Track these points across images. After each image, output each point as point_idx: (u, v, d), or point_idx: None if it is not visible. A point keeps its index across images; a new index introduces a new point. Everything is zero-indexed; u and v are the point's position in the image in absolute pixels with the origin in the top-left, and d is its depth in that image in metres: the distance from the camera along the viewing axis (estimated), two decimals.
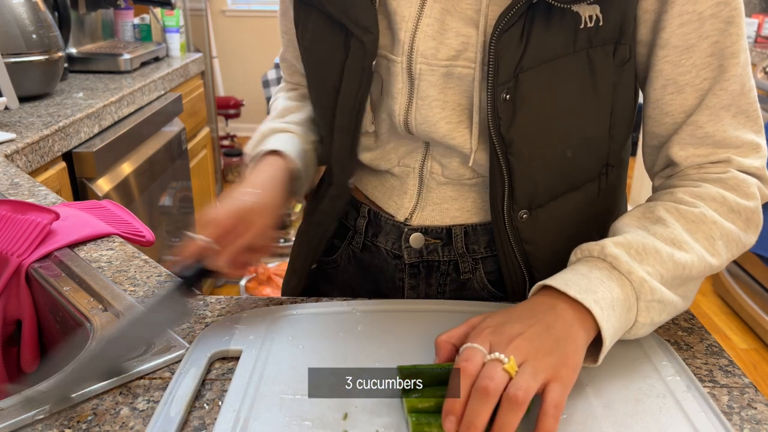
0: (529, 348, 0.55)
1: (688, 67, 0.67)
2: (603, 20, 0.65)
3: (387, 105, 0.75)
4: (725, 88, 0.67)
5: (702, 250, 0.65)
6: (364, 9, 0.70)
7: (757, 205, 0.68)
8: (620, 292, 0.60)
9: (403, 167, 0.80)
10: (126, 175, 1.73)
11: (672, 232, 0.64)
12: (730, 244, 0.67)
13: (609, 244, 0.63)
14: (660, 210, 0.67)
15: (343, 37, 0.73)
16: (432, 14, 0.69)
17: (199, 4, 3.72)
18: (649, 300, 0.61)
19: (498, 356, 0.54)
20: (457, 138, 0.72)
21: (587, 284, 0.60)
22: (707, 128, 0.69)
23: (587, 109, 0.69)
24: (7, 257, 0.84)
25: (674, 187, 0.71)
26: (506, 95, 0.66)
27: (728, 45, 0.66)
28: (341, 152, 0.79)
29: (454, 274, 0.82)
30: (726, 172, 0.68)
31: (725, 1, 0.64)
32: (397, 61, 0.72)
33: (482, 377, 0.53)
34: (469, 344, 0.56)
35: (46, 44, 1.66)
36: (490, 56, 0.65)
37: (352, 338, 0.68)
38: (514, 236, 0.74)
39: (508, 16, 0.63)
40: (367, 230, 0.85)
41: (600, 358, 0.60)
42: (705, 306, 2.83)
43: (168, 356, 0.65)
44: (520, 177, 0.70)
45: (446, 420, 0.53)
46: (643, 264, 0.61)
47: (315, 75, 0.80)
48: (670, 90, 0.69)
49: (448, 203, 0.79)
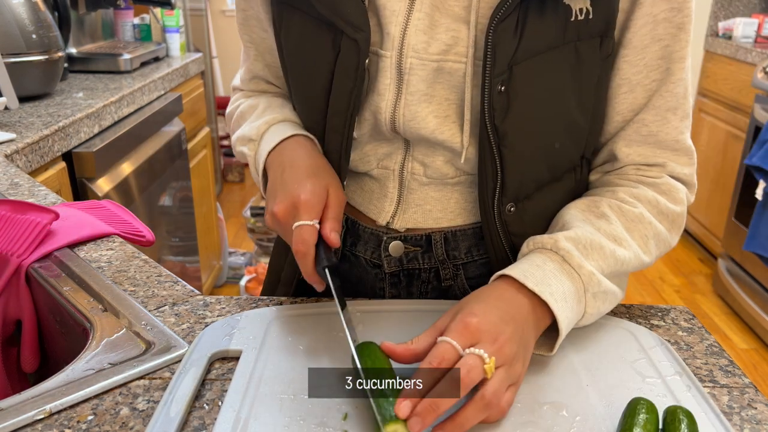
0: (509, 354, 0.57)
1: (641, 67, 0.71)
2: (592, 13, 0.66)
3: (372, 103, 0.73)
4: (671, 90, 0.71)
5: (638, 248, 0.70)
6: (354, 7, 0.69)
7: (683, 210, 0.74)
8: (571, 284, 0.64)
9: (383, 169, 0.79)
10: (126, 175, 1.73)
11: (614, 229, 0.69)
12: (659, 243, 0.73)
13: (561, 238, 0.66)
14: (604, 206, 0.71)
15: (331, 37, 0.71)
16: (423, 8, 0.69)
17: (199, 4, 3.72)
18: (596, 291, 0.66)
19: (481, 353, 0.55)
20: (446, 133, 0.72)
21: (542, 276, 0.63)
22: (652, 127, 0.73)
23: (574, 101, 0.70)
24: (7, 257, 0.84)
25: (614, 185, 0.75)
26: (501, 87, 0.66)
27: (677, 49, 0.69)
28: (334, 155, 0.76)
29: (435, 281, 0.82)
30: (660, 177, 0.74)
31: (678, 8, 0.67)
32: (386, 56, 0.71)
33: (462, 367, 0.54)
34: (446, 339, 0.56)
35: (46, 44, 1.66)
36: (487, 48, 0.65)
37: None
38: (503, 230, 0.74)
39: (504, 7, 0.63)
40: (345, 240, 0.84)
41: (555, 348, 0.64)
42: (705, 306, 2.83)
43: (168, 356, 0.65)
44: (511, 170, 0.71)
45: (401, 404, 0.52)
46: (589, 259, 0.66)
47: (302, 78, 0.77)
48: (624, 89, 0.72)
49: (430, 204, 0.78)
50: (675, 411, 0.54)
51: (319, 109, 0.75)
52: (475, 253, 0.80)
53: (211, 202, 2.68)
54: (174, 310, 0.74)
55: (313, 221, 0.67)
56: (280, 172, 0.72)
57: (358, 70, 0.70)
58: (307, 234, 0.66)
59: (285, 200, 0.68)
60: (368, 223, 0.82)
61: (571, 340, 0.69)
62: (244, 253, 3.02)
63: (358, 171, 0.80)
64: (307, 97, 0.77)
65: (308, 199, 0.67)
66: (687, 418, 0.53)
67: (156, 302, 0.75)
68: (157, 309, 0.74)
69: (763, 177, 2.39)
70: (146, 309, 0.73)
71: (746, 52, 2.82)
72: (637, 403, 0.55)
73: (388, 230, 0.81)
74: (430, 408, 0.52)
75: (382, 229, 0.81)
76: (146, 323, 0.70)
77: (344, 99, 0.72)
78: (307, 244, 0.66)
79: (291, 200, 0.68)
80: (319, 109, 0.75)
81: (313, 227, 0.67)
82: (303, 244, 0.66)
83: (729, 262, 2.80)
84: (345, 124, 0.74)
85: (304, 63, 0.76)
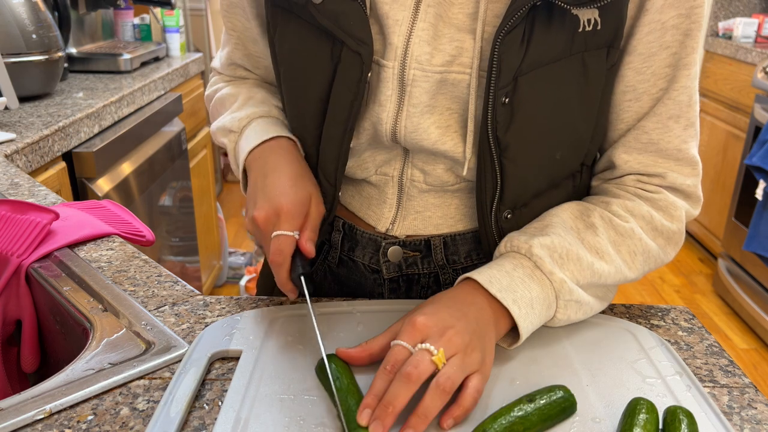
0: (460, 343, 0.58)
1: (648, 75, 0.69)
2: (601, 24, 0.65)
3: (372, 113, 0.71)
4: (673, 97, 0.69)
5: (621, 262, 0.70)
6: (357, 19, 0.66)
7: (679, 227, 0.73)
8: (540, 291, 0.65)
9: (381, 176, 0.77)
10: (126, 175, 1.73)
11: (599, 241, 0.69)
12: (648, 259, 0.72)
13: (536, 245, 0.66)
14: (595, 216, 0.71)
15: (329, 47, 0.69)
16: (427, 19, 0.67)
17: (199, 4, 3.72)
18: (567, 299, 0.66)
19: (428, 347, 0.57)
20: (448, 143, 0.71)
21: (509, 282, 0.64)
22: (652, 135, 0.71)
23: (578, 112, 0.69)
24: (7, 257, 0.84)
25: (611, 195, 0.74)
26: (505, 99, 0.65)
27: (683, 56, 0.68)
28: (330, 164, 0.74)
29: (434, 286, 0.82)
30: (659, 193, 0.73)
31: (686, 14, 0.66)
32: (388, 67, 0.69)
33: (408, 363, 0.56)
34: (397, 341, 0.58)
35: (46, 44, 1.66)
36: (493, 59, 0.64)
37: (352, 338, 0.68)
38: (499, 236, 0.73)
39: (513, 18, 0.62)
40: (343, 244, 0.83)
41: (514, 347, 0.66)
42: (705, 306, 2.83)
43: (168, 356, 0.65)
44: (511, 180, 0.70)
45: (362, 413, 0.54)
46: (563, 268, 0.66)
47: (296, 85, 0.75)
48: (629, 96, 0.71)
49: (430, 211, 0.78)
50: (675, 411, 0.54)
51: (313, 117, 0.73)
52: (474, 257, 0.80)
53: (211, 202, 2.68)
54: (174, 310, 0.74)
55: (293, 232, 0.67)
56: (263, 176, 0.71)
57: (360, 83, 0.68)
58: (285, 244, 0.67)
59: (266, 207, 0.68)
60: (366, 228, 0.81)
61: (571, 340, 0.69)
62: (244, 253, 3.02)
63: (356, 177, 0.79)
64: (301, 104, 0.75)
65: (290, 209, 0.68)
66: (687, 418, 0.53)
67: (156, 302, 0.75)
68: (157, 309, 0.74)
69: (763, 177, 2.39)
70: (146, 309, 0.73)
71: (746, 52, 2.82)
72: (637, 403, 0.55)
73: (387, 235, 0.80)
74: (386, 410, 0.54)
75: (380, 234, 0.80)
76: (146, 323, 0.70)
77: (344, 110, 0.70)
78: (284, 255, 0.66)
79: (273, 208, 0.68)
80: (313, 117, 0.73)
81: (292, 238, 0.67)
82: (280, 254, 0.66)
83: (729, 262, 2.80)
84: (343, 134, 0.71)
85: (299, 70, 0.73)
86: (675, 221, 0.72)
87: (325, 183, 0.75)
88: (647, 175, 0.73)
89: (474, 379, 0.58)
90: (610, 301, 0.74)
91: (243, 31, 0.83)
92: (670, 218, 0.72)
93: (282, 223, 0.67)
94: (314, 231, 0.70)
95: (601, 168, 0.77)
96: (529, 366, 0.65)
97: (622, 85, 0.70)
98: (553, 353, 0.67)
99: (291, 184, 0.70)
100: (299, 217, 0.68)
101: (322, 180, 0.75)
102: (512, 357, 0.66)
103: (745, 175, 2.69)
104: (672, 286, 2.99)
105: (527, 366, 0.65)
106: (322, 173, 0.75)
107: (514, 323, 0.64)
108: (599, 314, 0.74)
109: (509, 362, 0.65)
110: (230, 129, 0.79)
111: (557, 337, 0.69)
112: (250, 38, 0.83)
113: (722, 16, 3.38)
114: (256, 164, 0.73)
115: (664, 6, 0.65)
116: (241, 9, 0.80)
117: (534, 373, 0.64)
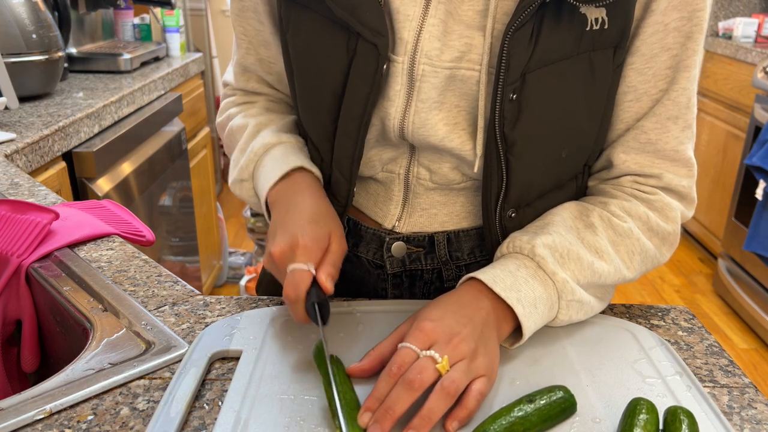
0: (466, 350, 0.59)
1: (649, 76, 0.70)
2: (608, 24, 0.65)
3: (381, 108, 0.72)
4: (672, 98, 0.70)
5: (620, 262, 0.70)
6: (373, 10, 0.67)
7: (674, 228, 0.74)
8: (543, 291, 0.65)
9: (387, 173, 0.78)
10: (126, 175, 1.73)
11: (598, 241, 0.69)
12: (645, 260, 0.73)
13: (539, 244, 0.67)
14: (594, 216, 0.71)
15: (345, 39, 0.69)
16: (437, 15, 0.68)
17: (199, 4, 3.72)
18: (569, 299, 0.67)
19: (432, 354, 0.57)
20: (455, 140, 0.71)
21: (513, 282, 0.64)
22: (651, 135, 0.72)
23: (584, 112, 0.70)
24: (7, 257, 0.84)
25: (608, 195, 0.75)
26: (513, 95, 0.65)
27: (684, 58, 0.68)
28: (345, 161, 0.74)
29: (437, 282, 0.82)
30: (655, 194, 0.73)
31: (689, 17, 0.66)
32: (398, 61, 0.69)
33: (412, 369, 0.56)
34: (405, 344, 0.58)
35: (46, 44, 1.66)
36: (502, 55, 0.64)
37: (352, 338, 0.68)
38: (503, 234, 0.74)
39: (522, 15, 0.62)
40: (347, 240, 0.82)
41: (515, 346, 0.66)
42: (705, 306, 2.83)
43: (168, 356, 0.65)
44: (516, 177, 0.70)
45: (362, 415, 0.55)
46: (564, 267, 0.67)
47: (310, 80, 0.75)
48: (630, 97, 0.71)
49: (436, 208, 0.78)
50: (675, 411, 0.54)
51: (328, 111, 0.73)
52: (477, 253, 0.80)
53: (211, 202, 2.68)
54: (174, 310, 0.74)
55: (308, 265, 0.64)
56: (284, 212, 0.70)
57: (376, 75, 0.68)
58: (300, 278, 0.63)
59: (283, 242, 0.66)
60: (371, 224, 0.82)
61: (571, 340, 0.69)
62: (244, 253, 3.02)
63: (362, 175, 0.80)
64: (315, 100, 0.75)
65: (306, 243, 0.66)
66: (688, 418, 0.53)
67: (156, 302, 0.75)
68: (157, 309, 0.74)
69: (763, 177, 2.39)
70: (146, 309, 0.73)
71: (746, 52, 2.82)
72: (637, 403, 0.55)
73: (391, 231, 0.80)
74: (385, 413, 0.54)
75: (385, 230, 0.81)
76: (146, 323, 0.70)
77: (359, 104, 0.70)
78: (298, 290, 0.63)
79: (289, 243, 0.66)
80: (328, 112, 0.73)
81: (307, 272, 0.64)
82: (294, 289, 0.63)
83: (729, 262, 2.80)
84: (359, 127, 0.71)
85: (314, 65, 0.73)
86: (670, 222, 0.73)
87: (339, 177, 0.75)
88: (644, 176, 0.74)
89: (479, 382, 0.58)
90: (608, 301, 0.74)
91: (254, 35, 0.82)
92: (665, 219, 0.73)
93: (297, 257, 0.65)
94: (335, 267, 0.66)
95: (598, 167, 0.78)
96: (529, 366, 0.65)
97: (623, 85, 0.71)
98: (553, 353, 0.67)
99: (310, 222, 0.68)
100: (316, 252, 0.66)
101: (337, 174, 0.75)
102: (512, 357, 0.66)
103: (745, 175, 2.69)
104: (672, 286, 2.99)
105: (527, 366, 0.65)
106: (336, 168, 0.75)
107: (517, 323, 0.65)
108: (599, 314, 0.74)
109: (510, 362, 0.65)
110: (242, 179, 0.78)
111: (557, 337, 0.69)
112: (261, 42, 0.83)
113: (722, 16, 3.38)
114: (277, 202, 0.73)
115: (668, 8, 0.66)
116: (253, 11, 0.80)
117: (534, 373, 0.64)
